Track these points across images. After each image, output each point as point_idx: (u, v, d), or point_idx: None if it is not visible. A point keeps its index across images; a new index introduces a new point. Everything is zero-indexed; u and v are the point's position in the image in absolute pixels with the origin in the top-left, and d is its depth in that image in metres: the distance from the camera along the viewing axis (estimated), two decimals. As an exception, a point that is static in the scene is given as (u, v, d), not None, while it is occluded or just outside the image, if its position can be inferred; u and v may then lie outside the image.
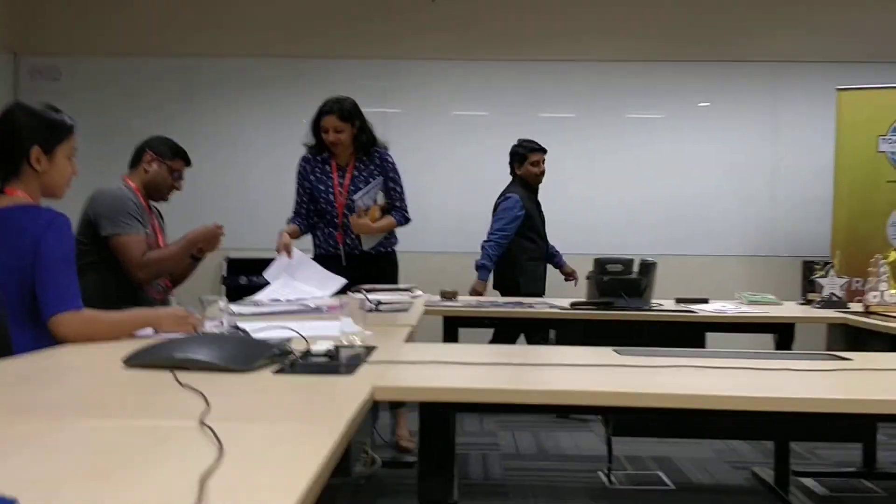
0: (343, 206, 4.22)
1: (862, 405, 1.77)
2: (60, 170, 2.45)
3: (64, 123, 2.47)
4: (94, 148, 5.48)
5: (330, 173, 4.25)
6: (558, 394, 1.78)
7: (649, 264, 3.91)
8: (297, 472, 1.06)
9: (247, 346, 2.03)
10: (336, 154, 4.25)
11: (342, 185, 4.22)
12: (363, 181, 4.23)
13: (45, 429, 1.36)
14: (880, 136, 5.43)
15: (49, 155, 2.41)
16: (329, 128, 4.14)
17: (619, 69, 6.11)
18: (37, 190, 2.42)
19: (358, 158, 4.25)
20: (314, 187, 4.28)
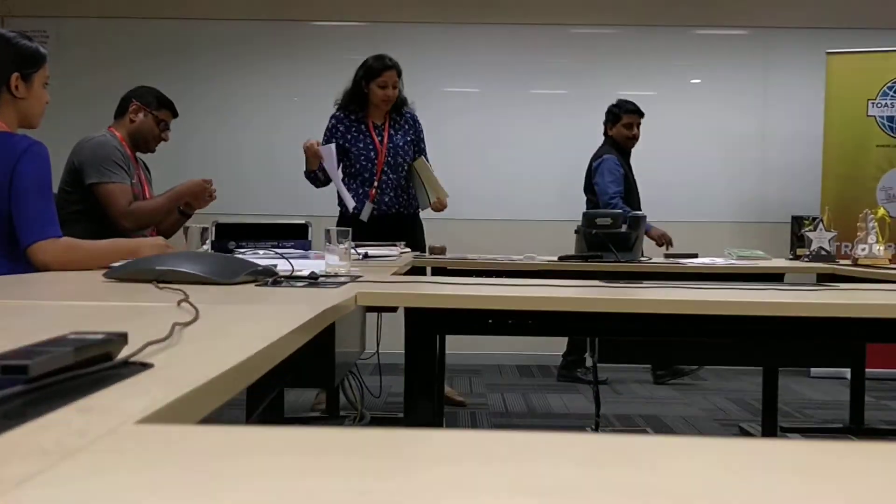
0: (383, 163, 4.26)
1: (848, 309, 1.76)
2: (38, 97, 2.43)
3: (38, 51, 2.45)
4: (82, 110, 5.47)
5: (367, 132, 4.29)
6: (545, 300, 1.76)
7: (638, 218, 3.89)
8: (271, 331, 1.04)
9: (229, 262, 2.01)
10: (373, 113, 4.30)
11: (382, 144, 4.27)
12: (401, 138, 4.31)
13: (28, 307, 1.34)
14: (870, 101, 5.42)
15: (27, 82, 2.38)
16: (390, 83, 4.21)
17: (611, 42, 6.09)
18: (14, 119, 2.40)
19: (392, 117, 4.33)
20: (352, 146, 4.27)
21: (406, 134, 4.34)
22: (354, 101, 4.28)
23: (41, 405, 0.63)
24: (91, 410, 0.61)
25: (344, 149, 4.27)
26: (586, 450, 0.52)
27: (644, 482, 0.45)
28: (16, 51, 2.38)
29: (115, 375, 0.75)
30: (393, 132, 4.31)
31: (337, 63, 6.01)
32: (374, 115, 4.31)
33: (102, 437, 0.53)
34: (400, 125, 4.34)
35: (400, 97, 4.29)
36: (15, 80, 2.35)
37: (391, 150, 4.28)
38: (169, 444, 0.54)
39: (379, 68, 4.21)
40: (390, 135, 4.30)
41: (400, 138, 4.31)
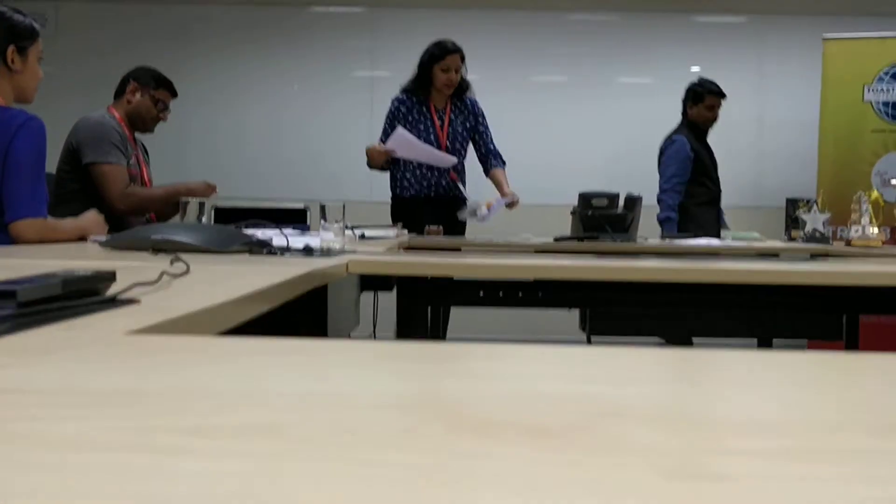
0: (446, 147, 4.30)
1: (839, 277, 1.78)
2: (33, 71, 2.45)
3: (32, 26, 2.47)
4: (81, 93, 5.49)
5: (429, 115, 4.34)
6: (536, 268, 1.79)
7: (635, 199, 3.90)
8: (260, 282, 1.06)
9: (224, 231, 2.04)
10: (435, 96, 4.34)
11: (443, 129, 4.32)
12: (460, 124, 4.35)
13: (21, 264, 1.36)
14: (866, 86, 5.43)
15: (22, 55, 2.40)
16: (453, 66, 4.24)
17: (609, 29, 6.10)
18: (9, 93, 2.41)
19: (453, 102, 4.37)
20: (413, 128, 4.29)
21: (466, 120, 4.39)
22: (419, 85, 4.33)
23: (29, 327, 0.65)
24: (76, 328, 0.64)
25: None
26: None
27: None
28: (10, 25, 2.40)
29: (101, 308, 0.78)
30: (454, 117, 4.37)
31: (336, 49, 6.04)
32: (436, 99, 4.35)
33: (85, 343, 0.56)
34: (460, 110, 4.39)
35: (463, 83, 4.34)
36: (11, 52, 2.37)
37: (451, 135, 4.34)
38: (152, 345, 0.57)
39: (442, 52, 4.26)
40: (451, 119, 4.35)
41: (459, 124, 4.37)
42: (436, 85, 4.29)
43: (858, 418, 0.41)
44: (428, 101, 4.35)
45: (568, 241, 3.80)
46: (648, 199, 4.16)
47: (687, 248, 3.73)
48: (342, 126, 6.01)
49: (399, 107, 4.37)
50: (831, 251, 3.62)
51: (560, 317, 4.19)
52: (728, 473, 0.31)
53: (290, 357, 0.56)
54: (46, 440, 0.33)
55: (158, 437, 0.34)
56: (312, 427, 0.37)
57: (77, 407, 0.40)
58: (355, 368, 0.51)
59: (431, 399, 0.43)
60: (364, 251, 2.01)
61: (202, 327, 0.79)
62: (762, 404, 0.44)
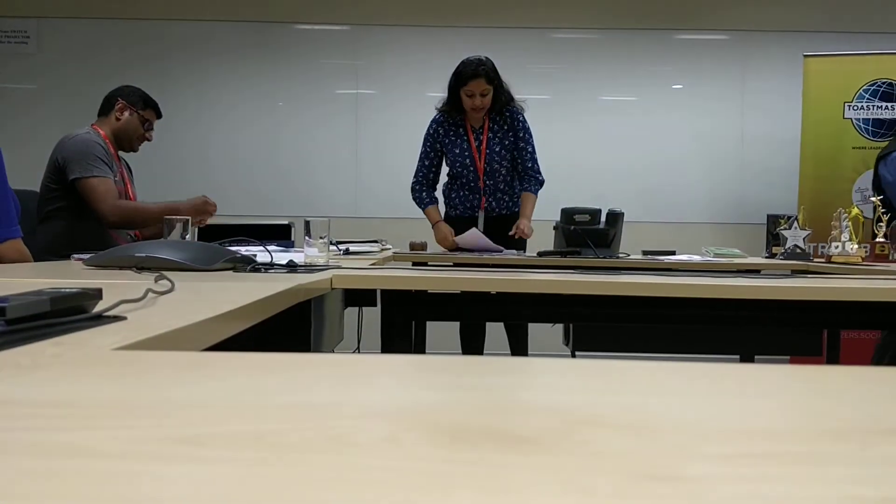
0: (483, 170, 4.20)
1: (819, 293, 1.80)
2: None
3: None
4: (63, 110, 5.50)
5: (465, 136, 4.19)
6: (520, 282, 1.80)
7: (616, 214, 3.93)
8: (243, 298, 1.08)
9: (207, 249, 2.04)
10: (471, 116, 4.16)
11: (479, 150, 4.18)
12: (498, 143, 4.17)
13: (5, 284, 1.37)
14: (846, 103, 5.50)
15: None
16: (476, 92, 4.02)
17: (592, 46, 6.15)
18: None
19: (492, 118, 4.18)
20: (449, 151, 4.22)
21: (504, 137, 4.18)
22: (452, 106, 4.16)
23: (18, 344, 0.66)
24: (64, 344, 0.65)
25: (442, 151, 4.27)
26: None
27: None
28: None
29: (88, 325, 0.79)
30: (492, 135, 4.18)
31: (321, 66, 6.06)
32: (472, 119, 4.18)
33: (74, 358, 0.57)
34: (500, 126, 4.19)
35: (502, 97, 4.11)
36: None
37: (487, 156, 4.18)
38: (139, 360, 0.58)
39: (464, 76, 4.04)
40: (488, 139, 4.17)
41: (497, 143, 4.18)
42: (465, 107, 4.11)
43: (825, 425, 0.43)
44: (464, 121, 4.19)
45: (551, 256, 3.82)
46: (630, 214, 4.19)
47: (669, 263, 3.76)
48: (327, 143, 6.03)
49: (437, 129, 4.24)
50: (812, 267, 3.66)
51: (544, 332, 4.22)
52: (697, 476, 0.33)
53: (274, 371, 0.57)
54: (40, 449, 0.35)
55: (149, 446, 0.36)
56: (298, 436, 0.38)
57: (68, 419, 0.41)
58: (338, 381, 0.52)
59: (412, 409, 0.45)
60: (348, 266, 2.03)
61: (188, 343, 0.80)
62: (734, 413, 0.46)
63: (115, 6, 5.98)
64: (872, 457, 0.36)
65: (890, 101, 5.47)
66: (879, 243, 3.94)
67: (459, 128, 4.20)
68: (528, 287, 1.79)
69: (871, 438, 0.40)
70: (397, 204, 5.96)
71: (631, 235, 4.09)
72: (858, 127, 5.50)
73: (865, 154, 5.49)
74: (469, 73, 4.02)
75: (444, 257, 3.77)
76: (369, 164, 6.06)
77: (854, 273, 3.22)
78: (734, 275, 2.64)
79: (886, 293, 1.79)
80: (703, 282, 1.80)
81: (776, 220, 4.29)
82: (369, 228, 5.39)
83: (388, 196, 5.98)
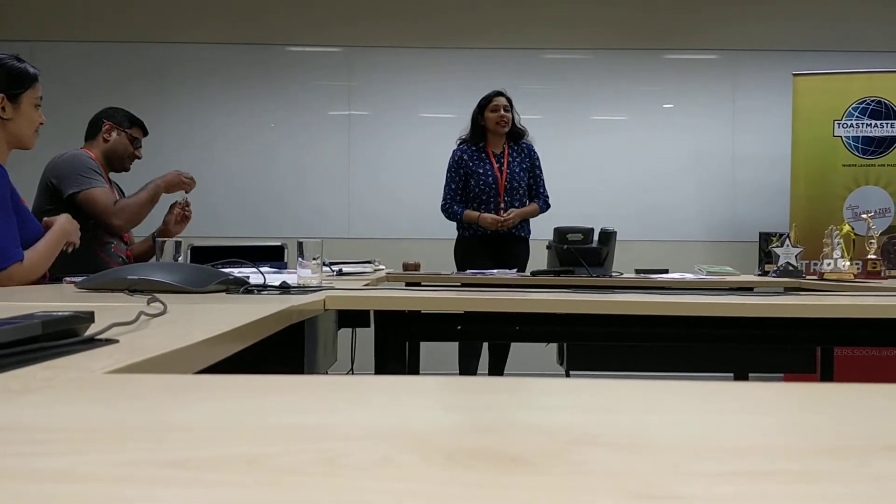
0: (504, 188, 4.58)
1: (812, 310, 1.80)
2: (28, 117, 2.44)
3: (27, 71, 2.47)
4: (57, 134, 5.48)
5: (487, 159, 4.64)
6: (514, 302, 1.80)
7: (609, 233, 3.94)
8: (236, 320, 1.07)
9: (200, 271, 2.04)
10: (492, 141, 4.65)
11: (501, 171, 4.60)
12: (517, 165, 4.63)
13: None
14: (836, 121, 5.52)
15: (14, 102, 2.40)
16: (501, 106, 4.59)
17: (583, 66, 6.18)
18: (2, 140, 2.41)
19: (510, 147, 4.67)
20: (473, 172, 4.61)
21: (522, 162, 4.66)
22: (474, 134, 4.66)
23: (9, 368, 0.66)
24: (56, 367, 0.65)
25: (467, 174, 4.64)
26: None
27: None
28: (3, 71, 2.40)
29: (80, 348, 0.78)
30: (511, 159, 4.64)
31: (314, 88, 6.08)
32: (493, 145, 4.66)
33: (66, 382, 0.57)
34: (517, 153, 4.68)
35: (516, 128, 4.66)
36: (1, 101, 2.37)
37: (509, 176, 4.60)
38: (131, 383, 0.58)
39: (489, 97, 4.65)
40: (509, 161, 4.63)
41: (517, 165, 4.64)
42: (489, 127, 4.61)
43: (821, 443, 0.43)
44: (486, 147, 4.67)
45: (544, 275, 3.83)
46: (622, 233, 4.20)
47: (662, 282, 3.76)
48: (320, 163, 6.04)
49: (461, 156, 4.67)
50: (804, 285, 3.66)
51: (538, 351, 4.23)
52: (693, 494, 0.33)
53: (267, 393, 0.57)
54: (33, 473, 0.34)
55: (142, 470, 0.35)
56: (292, 458, 0.38)
57: (60, 443, 0.41)
58: (332, 402, 0.52)
59: (406, 430, 0.44)
60: (342, 287, 2.02)
61: (180, 366, 0.79)
62: (729, 431, 0.46)
63: (108, 29, 5.99)
64: (870, 474, 0.36)
65: (879, 119, 5.50)
66: (871, 260, 3.94)
67: (482, 153, 4.67)
68: (522, 307, 1.79)
69: (868, 455, 0.40)
70: (390, 224, 5.98)
71: (624, 254, 4.11)
72: (848, 145, 5.52)
73: (856, 171, 5.52)
74: (492, 93, 4.67)
75: (438, 277, 3.77)
76: (362, 185, 6.06)
77: (846, 290, 3.22)
78: (727, 293, 2.65)
79: (879, 310, 1.79)
80: (696, 300, 1.80)
81: (768, 237, 4.29)
82: (362, 249, 5.38)
83: (381, 217, 5.98)
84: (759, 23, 6.18)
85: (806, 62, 5.81)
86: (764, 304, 1.80)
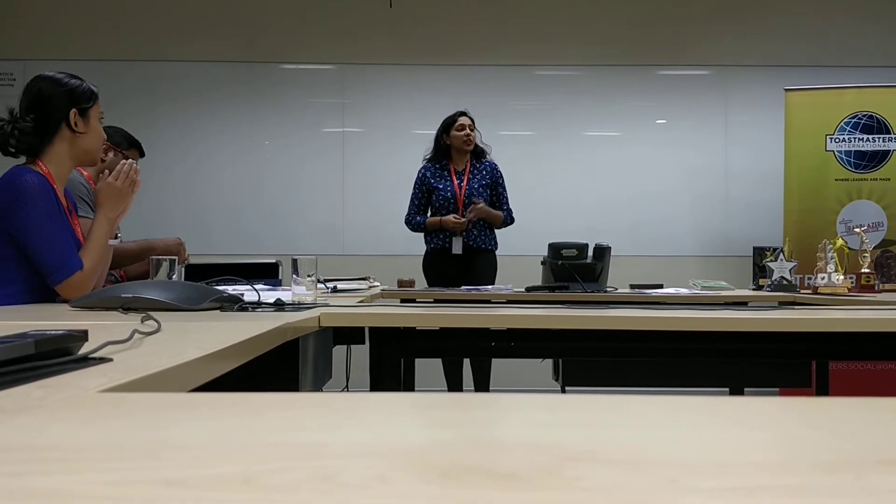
0: (462, 203, 4.73)
1: (806, 324, 1.80)
2: (97, 132, 2.46)
3: (90, 88, 2.50)
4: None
5: (449, 176, 4.83)
6: (508, 318, 1.80)
7: (603, 248, 3.94)
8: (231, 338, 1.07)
9: (194, 289, 2.03)
10: (456, 158, 4.84)
11: (461, 187, 4.77)
12: (477, 182, 4.79)
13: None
14: (828, 136, 5.55)
15: (85, 117, 2.42)
16: (466, 125, 4.79)
17: (576, 83, 6.20)
18: (67, 157, 2.42)
19: (472, 164, 4.84)
20: (434, 188, 4.80)
21: (483, 178, 4.82)
22: (438, 153, 4.87)
23: (2, 387, 0.66)
24: (50, 387, 0.64)
25: (429, 190, 4.82)
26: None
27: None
28: (68, 90, 2.42)
29: (74, 367, 0.78)
30: (471, 176, 4.81)
31: (308, 105, 6.09)
32: (457, 162, 4.85)
33: (59, 401, 0.56)
34: (479, 171, 4.84)
35: (478, 147, 4.84)
36: (74, 115, 2.39)
37: (467, 191, 4.76)
38: (125, 402, 0.58)
39: (454, 117, 4.84)
40: (469, 178, 4.80)
41: (476, 182, 4.80)
42: (455, 145, 4.79)
43: (818, 457, 0.43)
44: (449, 165, 4.85)
45: (539, 291, 3.82)
46: (617, 248, 4.20)
47: (657, 297, 3.76)
48: (314, 180, 6.04)
49: (425, 173, 4.87)
50: (799, 299, 3.67)
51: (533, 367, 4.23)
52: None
53: (262, 411, 0.57)
54: (27, 493, 0.34)
55: (136, 489, 0.35)
56: (287, 476, 0.38)
57: (54, 462, 0.40)
58: (327, 420, 0.52)
59: (402, 447, 0.44)
60: (336, 304, 2.02)
61: (174, 384, 0.79)
62: (725, 446, 0.46)
63: (101, 48, 6.00)
64: (867, 488, 0.36)
65: (871, 134, 5.53)
66: (865, 274, 3.95)
67: (445, 170, 4.85)
68: (518, 322, 1.78)
69: (865, 469, 0.39)
70: (385, 241, 5.97)
71: (618, 269, 4.11)
72: (840, 159, 5.55)
73: (849, 186, 5.54)
74: (456, 114, 4.85)
75: (433, 294, 3.77)
76: (356, 202, 6.06)
77: (841, 304, 3.23)
78: (722, 307, 2.65)
79: (874, 323, 1.79)
80: (691, 315, 1.81)
81: (762, 252, 4.31)
82: (357, 266, 5.38)
83: (376, 233, 5.99)
84: (750, 38, 6.21)
85: (797, 77, 5.84)
86: (759, 318, 1.80)
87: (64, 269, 2.26)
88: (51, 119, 2.38)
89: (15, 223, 2.27)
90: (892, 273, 4.20)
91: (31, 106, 2.40)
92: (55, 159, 2.39)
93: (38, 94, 2.41)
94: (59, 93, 2.41)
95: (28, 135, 2.37)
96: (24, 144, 2.38)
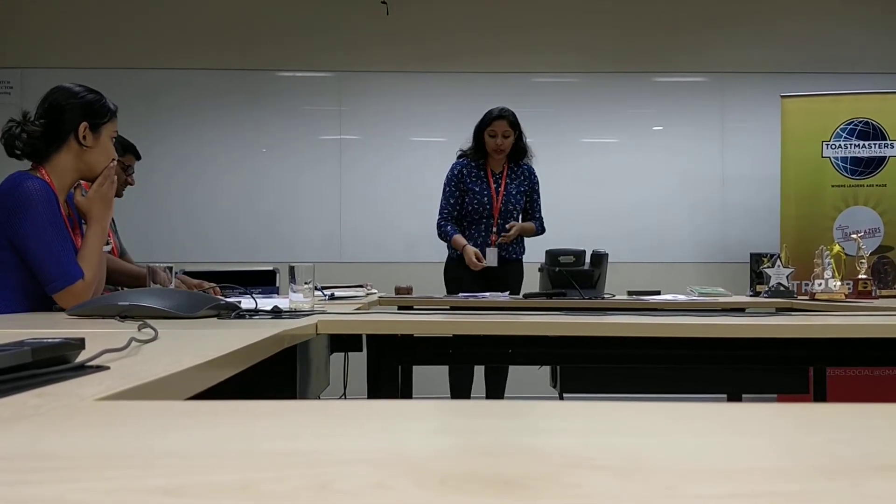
0: (498, 210, 4.48)
1: (804, 330, 1.80)
2: (105, 149, 2.45)
3: (107, 105, 2.49)
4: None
5: (485, 178, 4.52)
6: (506, 325, 1.80)
7: (601, 255, 3.94)
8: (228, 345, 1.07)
9: (191, 297, 2.03)
10: (492, 161, 4.52)
11: (498, 192, 4.50)
12: (515, 188, 4.52)
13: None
14: (824, 142, 5.55)
15: (96, 133, 2.41)
16: (499, 132, 4.43)
17: (573, 90, 6.21)
18: (71, 169, 2.41)
19: (510, 168, 4.54)
20: (470, 190, 4.50)
21: (521, 184, 4.55)
22: (476, 150, 4.52)
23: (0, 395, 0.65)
24: (47, 395, 0.64)
25: (463, 191, 4.53)
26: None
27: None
28: (84, 102, 2.41)
29: (71, 375, 0.78)
30: (509, 181, 4.53)
31: (305, 113, 6.09)
32: (493, 164, 4.54)
33: (56, 409, 0.56)
34: (517, 174, 4.56)
35: (519, 147, 4.51)
36: (83, 129, 2.37)
37: (504, 197, 4.50)
38: (122, 410, 0.58)
39: (489, 118, 4.47)
40: (506, 183, 4.52)
41: (514, 188, 4.52)
42: (487, 149, 4.47)
43: (815, 463, 0.43)
44: (485, 166, 4.54)
45: (537, 298, 3.83)
46: (614, 255, 4.21)
47: (654, 304, 3.76)
48: (311, 188, 6.04)
49: (461, 170, 4.54)
50: (796, 305, 3.67)
51: (531, 374, 4.22)
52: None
53: (259, 418, 0.56)
54: (25, 502, 0.34)
55: (133, 497, 0.35)
56: (285, 484, 0.37)
57: (50, 471, 0.40)
58: (325, 427, 0.52)
59: (400, 454, 0.44)
60: (334, 311, 2.02)
61: (171, 392, 0.79)
62: (724, 452, 0.45)
63: (98, 56, 6.00)
64: (864, 493, 0.36)
65: (867, 140, 5.54)
66: (862, 280, 3.96)
67: (481, 171, 4.54)
68: (515, 329, 1.78)
69: (863, 475, 0.39)
70: (382, 248, 5.97)
71: (616, 276, 4.12)
72: (837, 165, 5.55)
73: (845, 192, 5.55)
74: (494, 114, 4.46)
75: (431, 301, 3.77)
76: (353, 209, 6.06)
77: (838, 310, 3.23)
78: (719, 314, 2.65)
79: (871, 329, 1.80)
80: (689, 321, 1.81)
81: (759, 258, 4.30)
82: (354, 273, 5.37)
83: (373, 240, 5.98)
84: (746, 45, 6.22)
85: (793, 84, 5.85)
86: (756, 324, 1.80)
87: (64, 278, 2.25)
88: (60, 128, 2.38)
89: (15, 228, 2.27)
90: (888, 279, 4.21)
91: (44, 112, 2.40)
92: (58, 169, 2.38)
93: (52, 102, 2.41)
94: (72, 104, 2.40)
95: (35, 139, 2.37)
96: (29, 148, 2.38)
